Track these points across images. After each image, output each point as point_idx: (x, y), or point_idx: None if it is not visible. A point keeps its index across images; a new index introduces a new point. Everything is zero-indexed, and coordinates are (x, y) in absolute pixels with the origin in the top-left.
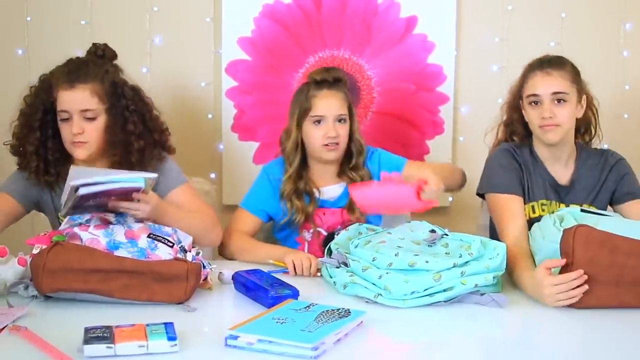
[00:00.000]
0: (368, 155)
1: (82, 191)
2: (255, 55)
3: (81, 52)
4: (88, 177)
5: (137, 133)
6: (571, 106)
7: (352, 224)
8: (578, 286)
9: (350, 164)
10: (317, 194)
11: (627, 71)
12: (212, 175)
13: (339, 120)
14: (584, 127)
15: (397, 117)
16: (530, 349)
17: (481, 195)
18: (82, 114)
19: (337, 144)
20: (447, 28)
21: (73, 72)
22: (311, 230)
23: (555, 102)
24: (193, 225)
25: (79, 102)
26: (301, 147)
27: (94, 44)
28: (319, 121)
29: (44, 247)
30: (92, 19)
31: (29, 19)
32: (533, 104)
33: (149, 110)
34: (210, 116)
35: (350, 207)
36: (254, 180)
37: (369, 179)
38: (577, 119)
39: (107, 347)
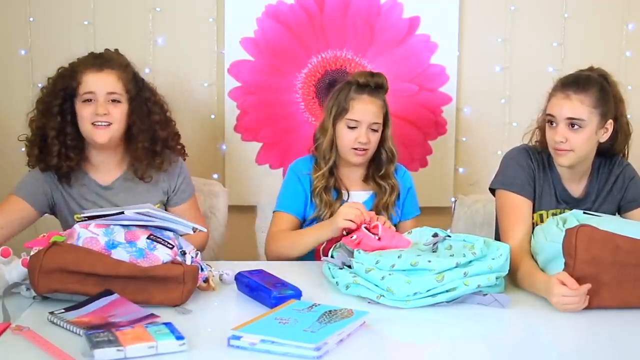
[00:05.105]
0: (402, 176)
1: (127, 213)
2: (258, 56)
3: (84, 53)
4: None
5: (161, 123)
6: (588, 132)
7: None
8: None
9: (379, 171)
10: (345, 194)
11: (630, 72)
12: (215, 176)
13: (373, 128)
14: (609, 149)
15: (399, 118)
16: (533, 349)
17: (493, 191)
18: (108, 96)
19: (365, 149)
20: (449, 29)
21: (100, 58)
22: None
23: (570, 126)
24: None
25: (106, 84)
26: (335, 145)
27: (106, 49)
28: (353, 125)
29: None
30: (95, 20)
31: (31, 19)
32: (549, 123)
33: (167, 106)
34: (212, 117)
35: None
36: (257, 180)
37: (397, 190)
38: (601, 142)
39: (118, 350)
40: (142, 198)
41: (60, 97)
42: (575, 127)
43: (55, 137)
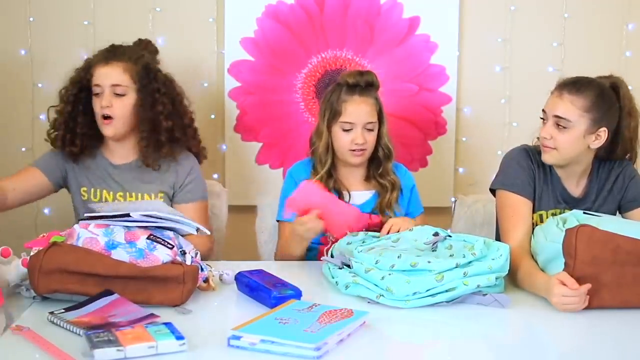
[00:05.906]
0: (404, 175)
1: (134, 216)
2: (258, 56)
3: (84, 53)
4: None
5: (165, 113)
6: (573, 134)
7: (371, 230)
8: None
9: (378, 169)
10: (346, 195)
11: (630, 72)
12: (215, 176)
13: (368, 128)
14: (607, 157)
15: (399, 118)
16: (533, 349)
17: (493, 191)
18: (112, 88)
19: (363, 150)
20: (449, 28)
21: (111, 51)
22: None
23: (557, 125)
24: None
25: (111, 76)
26: (332, 148)
27: (139, 39)
28: (348, 128)
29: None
30: (95, 20)
31: (31, 19)
32: (541, 119)
33: (180, 98)
34: (212, 116)
35: (380, 213)
36: (257, 180)
37: (398, 186)
38: (592, 148)
39: (118, 350)
40: (147, 183)
41: (77, 87)
42: (561, 126)
43: (62, 123)
